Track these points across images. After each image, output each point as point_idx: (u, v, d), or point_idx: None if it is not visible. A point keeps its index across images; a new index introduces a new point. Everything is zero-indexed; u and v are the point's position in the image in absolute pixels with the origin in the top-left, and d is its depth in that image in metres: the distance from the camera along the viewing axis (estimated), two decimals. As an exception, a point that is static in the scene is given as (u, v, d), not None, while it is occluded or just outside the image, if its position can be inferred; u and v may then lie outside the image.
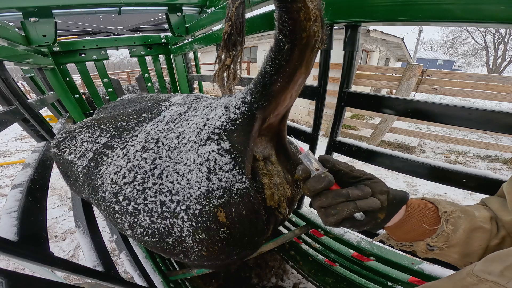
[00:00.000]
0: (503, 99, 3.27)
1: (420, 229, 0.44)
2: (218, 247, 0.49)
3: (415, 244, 0.46)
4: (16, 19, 1.24)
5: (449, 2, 0.46)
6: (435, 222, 0.43)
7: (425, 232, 0.44)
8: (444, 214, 0.43)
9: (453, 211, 0.42)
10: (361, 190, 0.39)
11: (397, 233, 0.47)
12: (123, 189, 0.53)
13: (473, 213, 0.42)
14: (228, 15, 0.62)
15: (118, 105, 0.94)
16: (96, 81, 2.15)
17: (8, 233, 0.50)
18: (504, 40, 20.44)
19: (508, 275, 0.29)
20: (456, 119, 0.57)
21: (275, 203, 0.54)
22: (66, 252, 1.93)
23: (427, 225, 0.43)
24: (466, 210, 0.43)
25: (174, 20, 1.61)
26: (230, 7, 0.61)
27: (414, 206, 0.45)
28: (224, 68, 0.65)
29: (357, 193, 0.39)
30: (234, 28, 0.62)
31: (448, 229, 0.41)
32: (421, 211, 0.44)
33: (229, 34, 0.62)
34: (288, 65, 0.40)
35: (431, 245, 0.43)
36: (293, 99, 0.53)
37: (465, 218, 0.41)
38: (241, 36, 0.64)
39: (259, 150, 0.58)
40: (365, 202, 0.39)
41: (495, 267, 0.30)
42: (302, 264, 1.36)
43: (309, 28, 0.37)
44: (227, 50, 0.64)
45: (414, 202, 0.45)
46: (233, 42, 0.63)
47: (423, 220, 0.44)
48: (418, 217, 0.44)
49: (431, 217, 0.44)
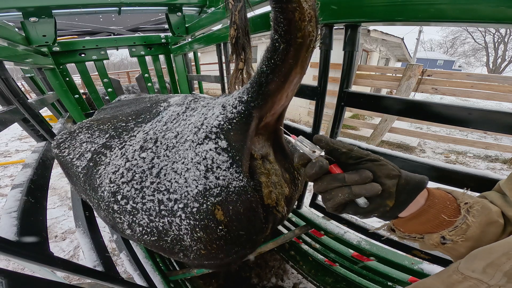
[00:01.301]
0: (503, 99, 3.27)
1: (437, 220, 0.39)
2: (217, 245, 0.49)
3: (426, 236, 0.41)
4: (16, 19, 1.25)
5: (449, 2, 0.46)
6: (454, 213, 0.39)
7: (441, 224, 0.39)
8: (465, 205, 0.39)
9: (476, 203, 0.39)
10: (359, 175, 0.36)
11: (410, 224, 0.42)
12: (121, 188, 0.53)
13: (490, 206, 0.39)
14: (232, 19, 0.63)
15: (118, 106, 0.94)
16: (96, 81, 2.15)
17: (8, 233, 0.50)
18: (504, 40, 20.44)
19: (490, 272, 0.29)
20: (456, 119, 0.57)
21: (273, 201, 0.54)
22: (66, 252, 1.93)
23: (447, 216, 0.39)
24: (484, 203, 0.39)
25: (174, 20, 1.61)
26: (232, 12, 0.62)
27: (435, 195, 0.40)
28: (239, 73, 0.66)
29: (354, 178, 0.36)
30: (240, 32, 0.63)
31: (470, 221, 0.37)
32: (442, 201, 0.40)
33: (236, 38, 0.64)
34: (284, 64, 0.41)
35: (446, 237, 0.39)
36: (289, 98, 0.53)
37: (482, 211, 0.38)
38: (248, 38, 0.65)
39: (257, 149, 0.58)
40: (362, 187, 0.35)
41: (478, 264, 0.30)
42: (302, 264, 1.36)
43: (304, 28, 0.37)
44: (238, 54, 0.65)
45: (434, 192, 0.41)
46: (242, 46, 0.64)
47: (443, 210, 0.39)
48: (439, 207, 0.39)
49: (451, 208, 0.39)
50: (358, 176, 0.36)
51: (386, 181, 0.36)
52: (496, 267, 0.29)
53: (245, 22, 0.63)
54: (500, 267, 0.28)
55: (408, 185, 0.37)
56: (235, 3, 0.61)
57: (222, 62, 1.43)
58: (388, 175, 0.36)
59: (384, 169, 0.37)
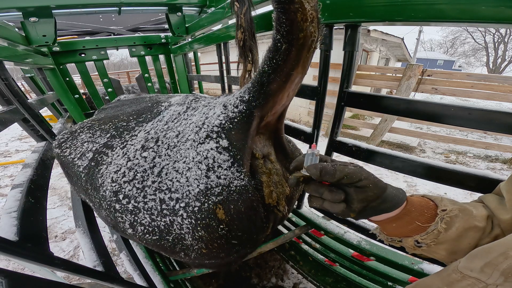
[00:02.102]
0: (503, 99, 3.27)
1: (412, 225, 0.45)
2: (218, 244, 0.49)
3: (404, 240, 0.47)
4: (16, 19, 1.25)
5: (449, 2, 0.46)
6: (430, 220, 0.44)
7: (416, 229, 0.45)
8: (442, 212, 0.43)
9: (452, 210, 0.43)
10: (332, 196, 0.42)
11: (388, 228, 0.48)
12: (123, 187, 0.53)
13: (471, 211, 0.43)
14: (238, 22, 0.63)
15: (118, 105, 0.94)
16: (96, 81, 2.15)
17: (8, 233, 0.50)
18: (504, 40, 20.44)
19: (488, 272, 0.29)
20: (456, 119, 0.57)
21: (274, 201, 0.54)
22: (66, 252, 1.93)
23: (420, 223, 0.44)
24: (465, 208, 0.43)
25: (174, 20, 1.61)
26: (238, 14, 0.63)
27: (413, 204, 0.45)
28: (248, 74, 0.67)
29: (328, 196, 0.42)
30: (247, 34, 0.63)
31: (441, 227, 0.42)
32: (419, 209, 0.45)
33: (244, 40, 0.64)
34: (286, 64, 0.41)
35: (419, 241, 0.44)
36: (290, 98, 0.53)
37: (462, 216, 0.42)
38: (254, 40, 0.66)
39: (258, 148, 0.58)
40: (330, 205, 0.43)
41: (476, 263, 0.31)
42: (302, 264, 1.36)
43: (306, 28, 0.38)
44: (246, 56, 0.66)
45: (414, 200, 0.46)
46: (249, 47, 0.65)
47: (418, 218, 0.45)
48: (414, 215, 0.45)
49: (427, 215, 0.44)
50: (331, 197, 0.42)
51: (356, 203, 0.42)
52: (494, 266, 0.29)
53: (251, 24, 0.64)
54: (497, 267, 0.29)
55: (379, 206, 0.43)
56: (240, 6, 0.62)
57: (222, 62, 1.43)
58: (363, 199, 0.42)
59: (362, 194, 0.42)
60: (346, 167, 0.42)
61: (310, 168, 0.43)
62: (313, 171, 0.43)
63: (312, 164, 0.43)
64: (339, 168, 0.41)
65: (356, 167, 0.43)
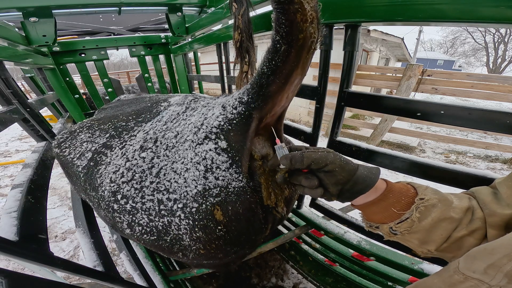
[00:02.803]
0: (503, 99, 3.27)
1: (388, 212, 0.46)
2: (216, 245, 0.49)
3: (380, 226, 0.48)
4: (16, 19, 1.24)
5: (449, 2, 0.46)
6: (406, 207, 0.44)
7: (392, 216, 0.45)
8: (419, 201, 0.43)
9: (430, 199, 0.43)
10: (308, 182, 0.45)
11: (367, 213, 0.50)
12: (121, 187, 0.53)
13: (451, 202, 0.42)
14: (236, 23, 0.63)
15: (118, 105, 0.94)
16: (96, 81, 2.15)
17: (8, 233, 0.50)
18: (504, 40, 20.43)
19: (491, 273, 0.29)
20: (456, 119, 0.57)
21: (273, 202, 0.54)
22: (66, 252, 1.93)
23: (396, 209, 0.45)
24: (445, 199, 0.43)
25: (174, 20, 1.61)
26: (236, 16, 0.62)
27: (392, 190, 0.46)
28: (244, 75, 0.67)
29: (305, 183, 0.46)
30: (244, 35, 0.63)
31: (414, 216, 0.42)
32: (397, 196, 0.46)
33: (241, 41, 0.64)
34: (285, 66, 0.41)
35: (393, 229, 0.45)
36: (289, 99, 0.53)
37: (440, 207, 0.42)
38: (252, 42, 0.65)
39: (257, 149, 0.58)
40: (309, 191, 0.47)
41: (479, 265, 0.31)
42: (302, 264, 1.36)
43: (306, 29, 0.37)
44: (242, 58, 0.66)
45: (394, 186, 0.47)
46: (246, 49, 0.65)
47: (394, 204, 0.45)
48: (390, 201, 0.45)
49: (404, 203, 0.45)
50: (307, 183, 0.46)
51: (331, 187, 0.45)
52: (497, 268, 0.29)
53: (249, 26, 0.64)
54: (501, 268, 0.29)
55: (352, 188, 0.45)
56: (239, 7, 0.61)
57: (222, 62, 1.43)
58: (335, 183, 0.45)
59: (332, 178, 0.45)
60: (314, 152, 0.44)
61: (282, 159, 0.47)
62: (283, 162, 0.46)
63: (283, 155, 0.47)
64: (306, 155, 0.44)
65: (324, 152, 0.45)
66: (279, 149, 0.48)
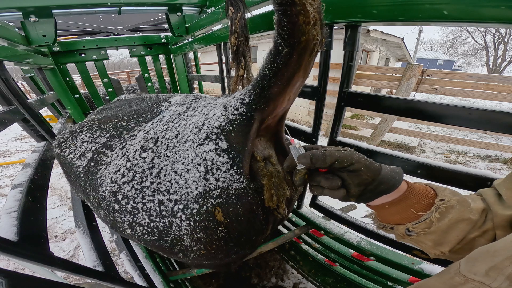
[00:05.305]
0: (503, 99, 3.28)
1: (406, 213, 0.45)
2: (216, 246, 0.49)
3: (395, 227, 0.47)
4: (16, 19, 1.25)
5: (449, 2, 0.46)
6: (425, 208, 0.43)
7: (410, 217, 0.44)
8: (439, 202, 0.43)
9: (451, 200, 0.42)
10: (330, 183, 0.43)
11: (383, 214, 0.48)
12: (122, 188, 0.53)
13: (469, 204, 0.42)
14: (233, 28, 0.63)
15: (118, 105, 0.94)
16: (96, 81, 2.15)
17: (8, 233, 0.50)
18: (504, 40, 20.44)
19: (492, 275, 0.29)
20: (456, 119, 0.57)
21: (274, 204, 0.54)
22: (66, 252, 1.93)
23: (415, 210, 0.44)
24: (464, 200, 0.43)
25: (174, 20, 1.61)
26: (233, 20, 0.62)
27: (413, 190, 0.45)
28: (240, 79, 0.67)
29: (326, 184, 0.43)
30: (240, 39, 0.63)
31: (434, 217, 0.41)
32: (418, 196, 0.44)
33: (237, 46, 0.64)
34: (287, 68, 0.40)
35: (410, 230, 0.44)
36: (290, 101, 0.53)
37: (458, 208, 0.41)
38: (248, 46, 0.65)
39: (259, 150, 0.58)
40: (330, 192, 0.44)
41: (480, 267, 0.31)
42: (302, 264, 1.36)
43: (308, 31, 0.36)
44: (238, 62, 0.66)
45: (415, 187, 0.46)
46: (242, 53, 0.65)
47: (414, 205, 0.44)
48: (411, 201, 0.44)
49: (423, 204, 0.44)
50: (328, 184, 0.43)
51: (353, 187, 0.43)
52: (499, 270, 0.29)
53: (245, 30, 0.63)
54: (502, 271, 0.28)
55: (376, 189, 0.43)
56: (235, 11, 0.61)
57: (222, 62, 1.43)
58: (359, 183, 0.43)
59: (356, 178, 0.42)
60: (336, 151, 0.42)
61: (300, 158, 0.44)
62: (303, 160, 0.43)
63: (301, 154, 0.44)
64: (329, 153, 0.42)
65: (346, 151, 0.43)
66: (294, 149, 0.45)
